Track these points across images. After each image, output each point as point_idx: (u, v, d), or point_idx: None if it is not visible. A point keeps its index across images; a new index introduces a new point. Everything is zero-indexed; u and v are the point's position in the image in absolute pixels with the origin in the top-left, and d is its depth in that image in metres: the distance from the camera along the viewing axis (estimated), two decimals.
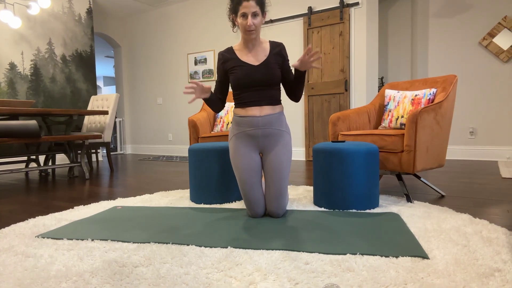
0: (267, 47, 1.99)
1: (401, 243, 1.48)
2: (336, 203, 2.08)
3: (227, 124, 3.51)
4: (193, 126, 3.37)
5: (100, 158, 5.86)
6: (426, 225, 1.72)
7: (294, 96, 2.04)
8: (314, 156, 2.21)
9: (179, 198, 2.53)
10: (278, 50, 1.98)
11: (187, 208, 2.20)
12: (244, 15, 1.86)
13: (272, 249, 1.45)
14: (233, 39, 5.73)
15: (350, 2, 4.58)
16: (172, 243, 1.55)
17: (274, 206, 1.93)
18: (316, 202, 2.21)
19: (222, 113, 3.59)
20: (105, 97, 4.49)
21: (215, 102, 2.04)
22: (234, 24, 2.01)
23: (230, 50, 2.01)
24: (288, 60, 2.03)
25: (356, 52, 4.59)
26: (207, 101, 1.99)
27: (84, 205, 2.43)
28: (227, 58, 2.00)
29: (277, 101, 1.99)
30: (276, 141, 1.96)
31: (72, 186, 3.23)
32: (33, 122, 3.07)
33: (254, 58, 1.96)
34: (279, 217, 1.96)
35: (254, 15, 1.86)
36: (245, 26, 1.87)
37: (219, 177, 2.30)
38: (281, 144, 1.96)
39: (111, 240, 1.62)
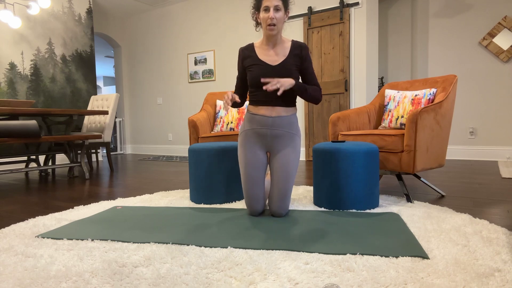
0: (288, 46, 1.97)
1: (401, 243, 1.48)
2: (336, 203, 2.08)
3: (227, 124, 3.51)
4: (193, 126, 3.37)
5: (100, 158, 5.86)
6: (426, 225, 1.72)
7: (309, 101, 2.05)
8: (314, 156, 2.21)
9: (179, 198, 2.53)
10: (298, 52, 1.96)
11: (187, 208, 2.20)
12: (266, 9, 1.86)
13: (272, 249, 1.45)
14: (235, 40, 5.73)
15: (350, 2, 4.58)
16: (172, 243, 1.55)
17: (278, 206, 1.94)
18: (316, 202, 2.21)
19: (222, 114, 3.59)
20: (105, 97, 4.49)
21: (241, 104, 2.11)
22: (257, 23, 2.02)
23: (250, 47, 2.01)
24: (308, 61, 1.98)
25: (356, 52, 4.59)
26: (235, 106, 2.09)
27: (84, 205, 2.43)
28: (246, 55, 2.01)
29: (291, 103, 1.97)
30: (284, 142, 1.96)
31: (72, 186, 3.23)
32: (33, 122, 3.07)
33: (273, 57, 1.95)
34: (281, 216, 1.96)
35: (276, 9, 1.85)
36: (267, 20, 1.86)
37: (219, 177, 2.30)
38: (290, 146, 1.95)
39: (111, 240, 1.62)
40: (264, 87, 1.79)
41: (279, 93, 1.76)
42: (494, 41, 4.50)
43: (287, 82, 1.82)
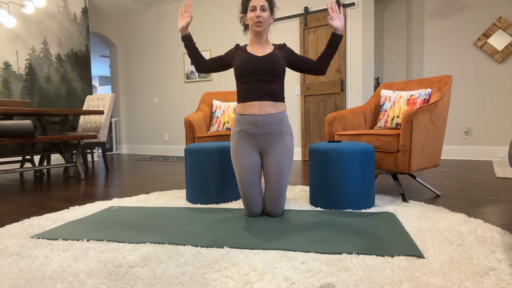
0: (272, 47, 2.09)
1: (397, 242, 1.49)
2: (332, 202, 2.08)
3: (224, 124, 3.51)
4: (189, 126, 3.36)
5: (95, 158, 5.83)
6: (422, 225, 1.73)
7: (325, 62, 2.04)
8: (311, 156, 2.22)
9: (175, 198, 2.53)
10: (281, 47, 2.07)
11: (183, 208, 2.20)
12: (253, 9, 1.97)
13: (269, 249, 1.45)
14: (230, 39, 5.73)
15: (346, 3, 4.59)
16: (168, 243, 1.55)
17: (273, 207, 1.94)
18: (313, 202, 2.21)
19: (218, 113, 3.59)
20: (100, 97, 4.47)
21: (196, 53, 2.07)
22: (245, 27, 2.12)
23: (244, 46, 2.11)
24: (295, 53, 2.08)
25: (352, 52, 4.60)
26: (188, 46, 2.06)
27: (79, 205, 2.42)
28: (239, 49, 2.08)
29: (279, 98, 1.99)
30: (276, 141, 1.96)
31: (67, 186, 3.21)
32: (28, 122, 3.05)
33: (260, 50, 2.04)
34: (277, 216, 1.97)
35: (263, 9, 1.98)
36: (253, 18, 1.97)
37: (215, 177, 2.30)
38: (282, 145, 1.95)
39: (107, 241, 1.61)
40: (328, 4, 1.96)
41: (338, 14, 1.99)
42: (489, 41, 4.53)
43: (342, 22, 1.99)
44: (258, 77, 1.94)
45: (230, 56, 2.07)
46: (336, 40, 2.01)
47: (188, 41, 2.05)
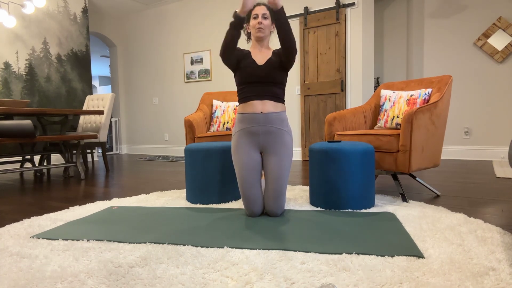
0: (271, 52, 2.12)
1: (397, 242, 1.49)
2: (332, 202, 2.08)
3: (224, 124, 3.51)
4: (189, 126, 3.36)
5: (95, 158, 5.83)
6: (422, 225, 1.73)
7: (283, 45, 1.92)
8: (311, 156, 2.22)
9: (175, 198, 2.53)
10: (277, 52, 2.10)
11: (183, 208, 2.20)
12: (256, 17, 2.05)
13: (269, 249, 1.45)
14: None
15: (346, 3, 4.59)
16: (168, 243, 1.55)
17: (273, 206, 1.95)
18: (313, 202, 2.21)
19: (218, 113, 3.59)
20: (100, 97, 4.47)
21: (237, 38, 1.97)
22: (248, 36, 2.20)
23: (245, 50, 2.14)
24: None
25: (352, 52, 4.60)
26: (236, 34, 1.94)
27: (79, 205, 2.42)
28: (244, 52, 2.11)
29: (279, 99, 2.04)
30: (276, 140, 1.98)
31: (67, 186, 3.21)
32: (28, 122, 3.05)
33: (260, 57, 2.08)
34: (277, 216, 1.97)
35: (264, 17, 2.05)
36: (255, 25, 2.04)
37: (215, 177, 2.30)
38: (282, 144, 1.98)
39: (107, 241, 1.61)
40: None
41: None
42: (489, 41, 4.53)
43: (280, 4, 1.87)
44: (258, 82, 2.01)
45: (239, 57, 2.07)
46: (278, 15, 1.89)
47: (240, 25, 1.93)
